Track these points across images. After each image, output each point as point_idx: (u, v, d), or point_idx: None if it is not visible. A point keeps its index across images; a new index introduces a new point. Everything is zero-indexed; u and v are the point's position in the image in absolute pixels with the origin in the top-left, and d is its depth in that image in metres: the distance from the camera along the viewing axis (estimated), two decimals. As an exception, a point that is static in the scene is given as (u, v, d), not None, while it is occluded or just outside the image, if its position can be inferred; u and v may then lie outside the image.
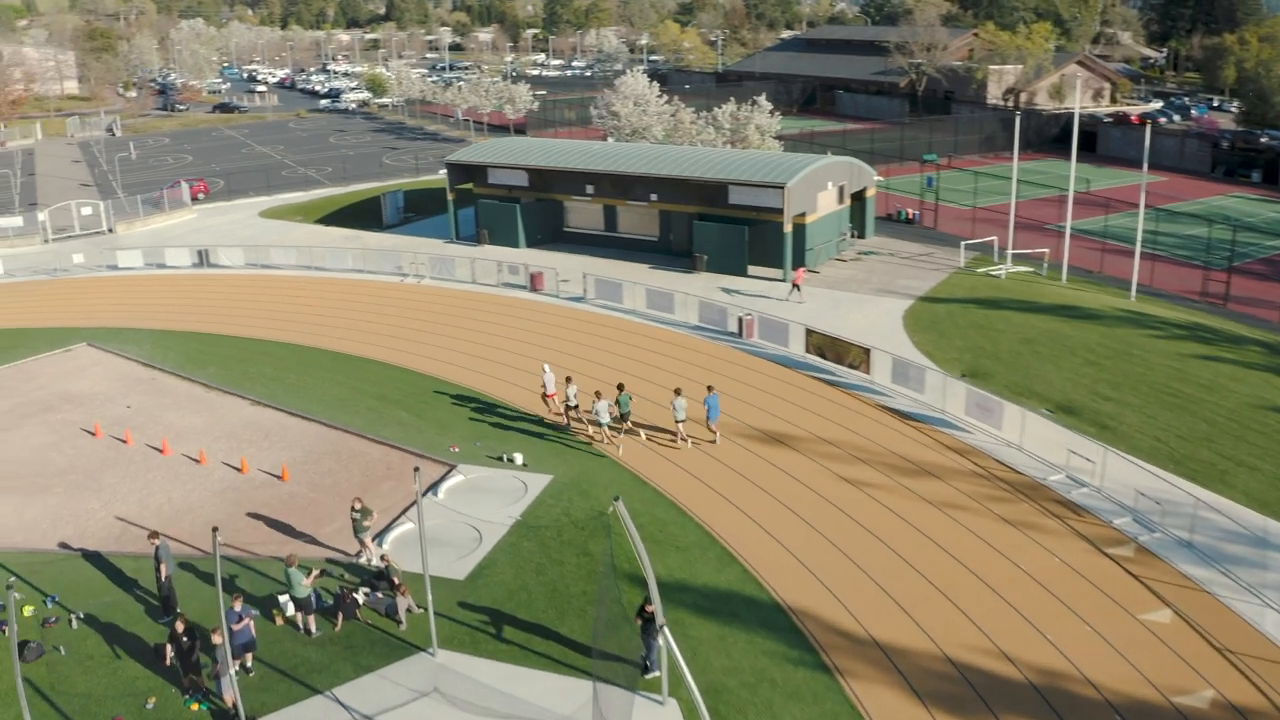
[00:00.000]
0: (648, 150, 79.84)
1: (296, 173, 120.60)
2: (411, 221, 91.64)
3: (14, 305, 73.44)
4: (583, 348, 57.18)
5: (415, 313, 64.93)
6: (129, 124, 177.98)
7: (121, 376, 57.32)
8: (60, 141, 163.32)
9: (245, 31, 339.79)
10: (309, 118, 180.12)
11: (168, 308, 69.36)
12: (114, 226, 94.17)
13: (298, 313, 66.13)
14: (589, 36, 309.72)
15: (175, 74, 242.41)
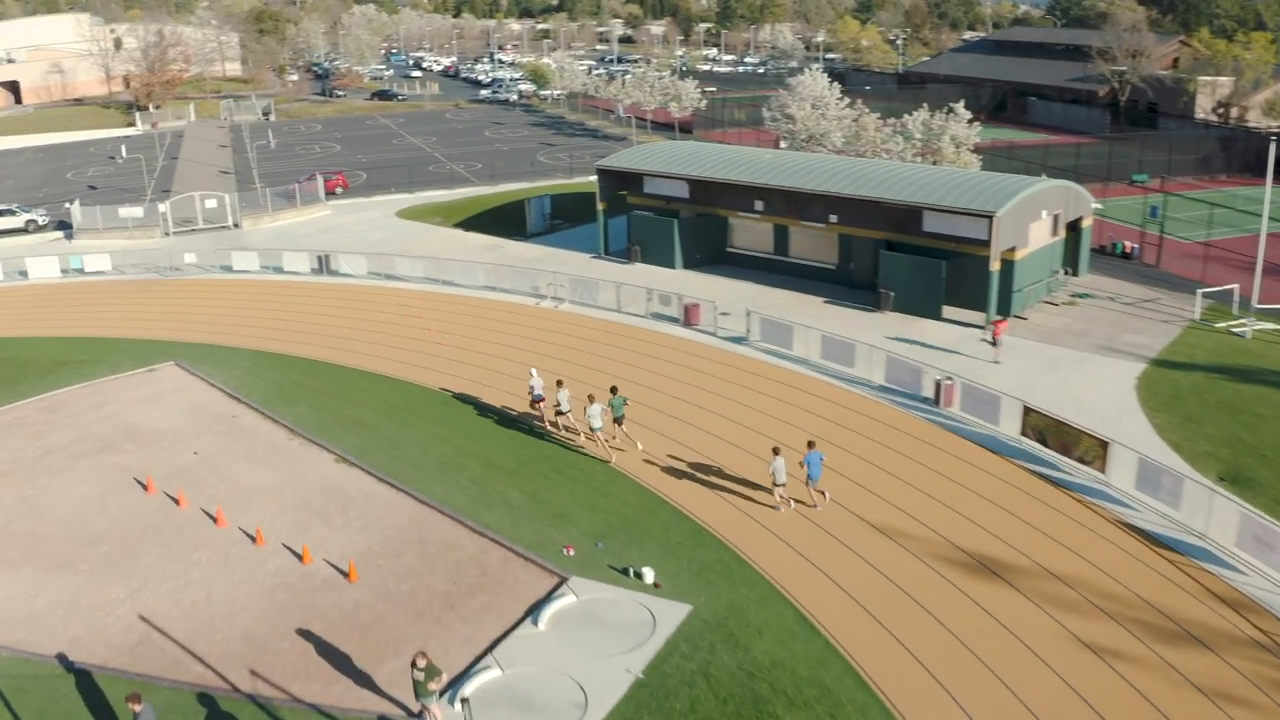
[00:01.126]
0: (828, 163, 69.61)
1: (444, 169, 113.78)
2: (558, 230, 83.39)
3: (113, 308, 67.70)
4: (738, 405, 47.66)
5: (547, 345, 56.33)
6: (283, 109, 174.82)
7: (200, 409, 50.15)
8: (212, 124, 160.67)
9: (416, 18, 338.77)
10: (467, 109, 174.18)
11: (274, 322, 62.37)
12: (240, 221, 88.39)
13: (414, 338, 58.21)
14: (763, 32, 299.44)
15: (340, 59, 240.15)
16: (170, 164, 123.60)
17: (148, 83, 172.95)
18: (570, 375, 50.27)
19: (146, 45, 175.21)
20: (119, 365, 57.29)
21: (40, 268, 77.45)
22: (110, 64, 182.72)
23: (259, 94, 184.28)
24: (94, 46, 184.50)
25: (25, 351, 61.12)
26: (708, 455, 42.89)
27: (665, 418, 46.12)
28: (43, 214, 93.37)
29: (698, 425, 45.54)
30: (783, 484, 37.77)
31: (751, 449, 42.78)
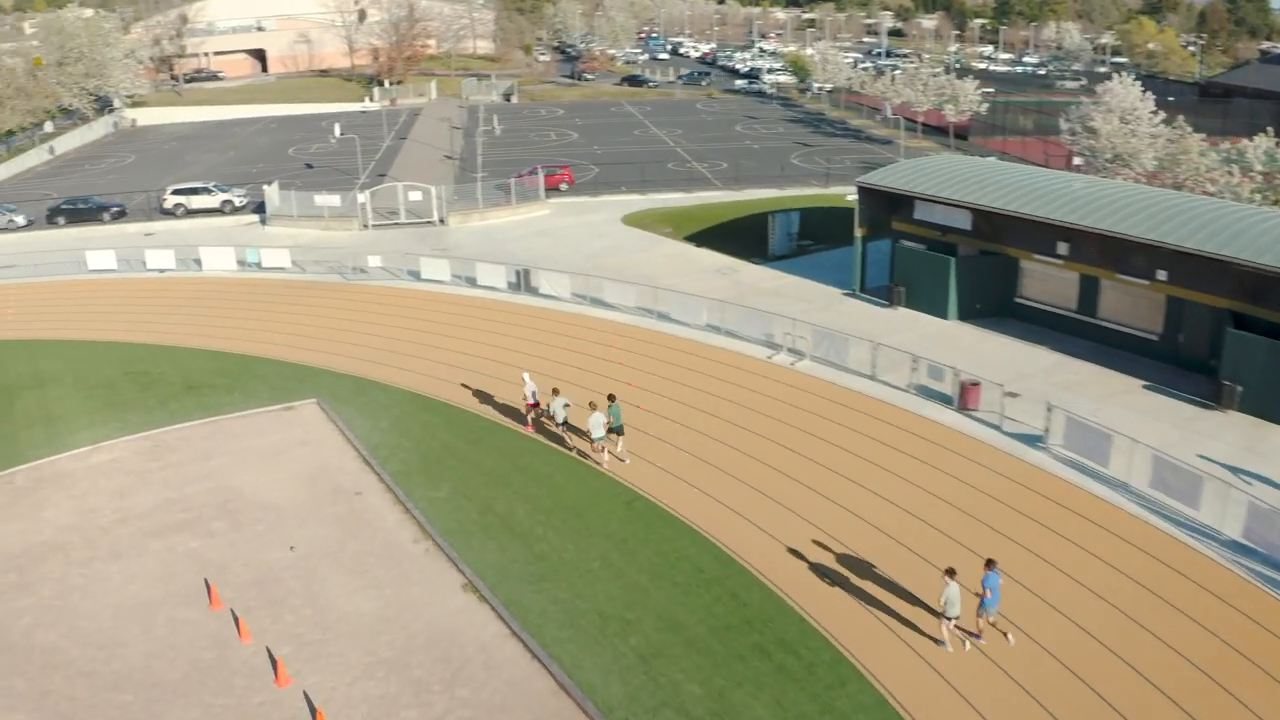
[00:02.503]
0: (1158, 200, 53.96)
1: (683, 167, 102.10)
2: (806, 253, 70.49)
3: (276, 316, 59.03)
4: (1023, 550, 33.55)
5: (770, 423, 43.38)
6: (527, 90, 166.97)
7: (322, 477, 39.81)
8: (452, 104, 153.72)
9: (678, 2, 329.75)
10: (719, 99, 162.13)
11: (448, 352, 51.92)
12: (446, 217, 79.01)
13: (605, 390, 46.69)
14: (1047, 30, 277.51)
15: (595, 41, 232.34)
16: (396, 145, 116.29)
17: (391, 58, 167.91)
18: (797, 470, 37.91)
19: (395, 19, 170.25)
20: (254, 396, 48.02)
21: (215, 259, 69.80)
22: (353, 36, 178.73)
23: (504, 74, 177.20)
24: (338, 18, 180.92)
25: (160, 365, 52.79)
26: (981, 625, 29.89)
27: (927, 574, 33.00)
28: (241, 194, 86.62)
29: (974, 572, 32.07)
30: (955, 616, 29.13)
31: (1037, 615, 29.70)
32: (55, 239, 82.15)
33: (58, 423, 46.83)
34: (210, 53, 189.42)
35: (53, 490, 40.42)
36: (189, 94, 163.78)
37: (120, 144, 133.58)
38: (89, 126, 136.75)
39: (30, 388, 51.51)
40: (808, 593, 31.02)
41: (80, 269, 71.57)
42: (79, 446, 44.10)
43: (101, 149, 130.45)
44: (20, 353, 56.84)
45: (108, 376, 52.00)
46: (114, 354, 55.28)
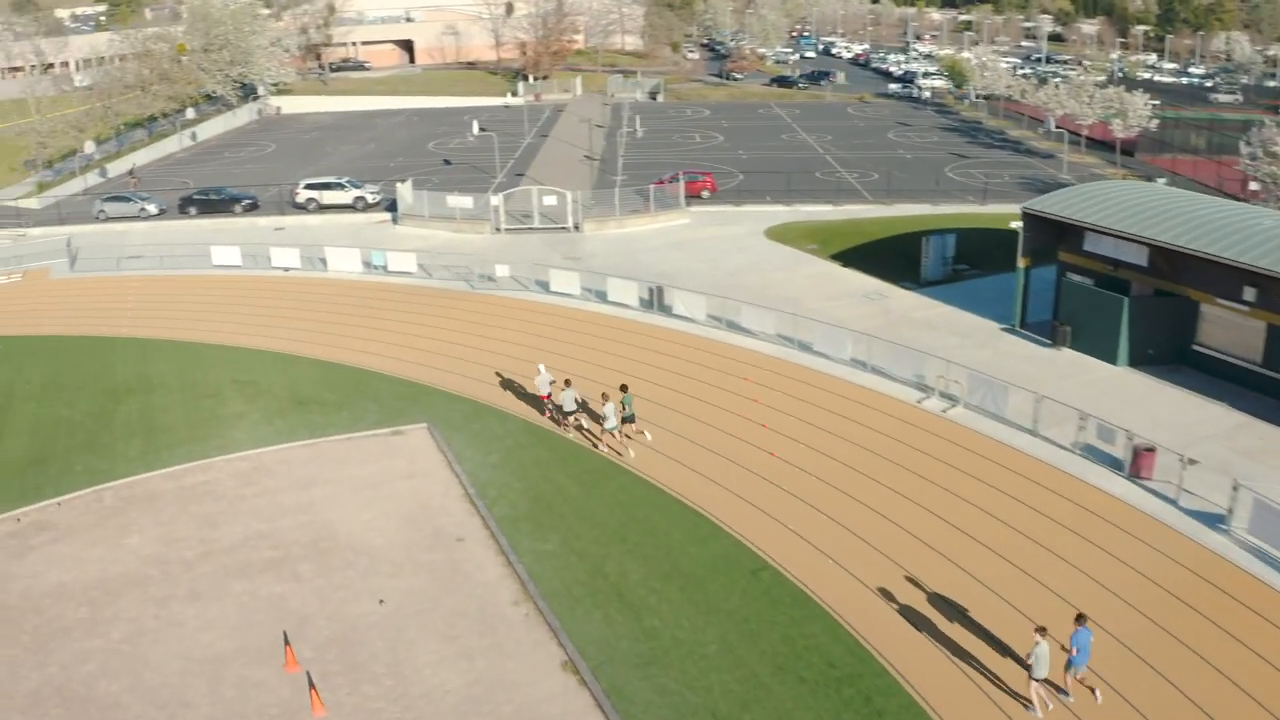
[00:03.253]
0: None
1: (833, 176, 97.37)
2: (962, 279, 65.62)
3: (397, 325, 56.48)
4: (1199, 661, 28.52)
5: (917, 482, 38.82)
6: (674, 89, 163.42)
7: (423, 517, 36.78)
8: (596, 101, 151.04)
9: (832, 1, 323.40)
10: (872, 104, 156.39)
11: (569, 374, 48.62)
12: (581, 223, 75.92)
13: (739, 435, 42.62)
14: (1215, 40, 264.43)
15: (744, 39, 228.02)
16: (537, 143, 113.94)
17: (537, 52, 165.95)
18: (946, 542, 33.55)
19: (543, 13, 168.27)
20: (363, 416, 45.38)
21: (340, 259, 67.78)
22: (500, 30, 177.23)
23: (650, 71, 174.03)
24: (486, 11, 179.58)
25: (270, 374, 50.61)
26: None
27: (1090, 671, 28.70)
28: (374, 191, 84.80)
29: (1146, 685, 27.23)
30: (1041, 678, 26.81)
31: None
32: (185, 230, 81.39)
33: (158, 435, 44.87)
34: (358, 42, 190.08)
35: (140, 513, 38.23)
36: (334, 83, 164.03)
37: (262, 132, 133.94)
38: (233, 114, 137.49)
39: (137, 392, 49.80)
40: (952, 702, 26.93)
41: (205, 263, 70.35)
42: (175, 464, 42.01)
43: (243, 136, 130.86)
44: (132, 353, 55.36)
45: (215, 384, 50.02)
46: (225, 359, 53.46)
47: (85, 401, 49.42)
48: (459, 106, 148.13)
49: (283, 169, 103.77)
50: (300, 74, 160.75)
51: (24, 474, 42.41)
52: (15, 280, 71.63)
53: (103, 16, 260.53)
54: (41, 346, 57.85)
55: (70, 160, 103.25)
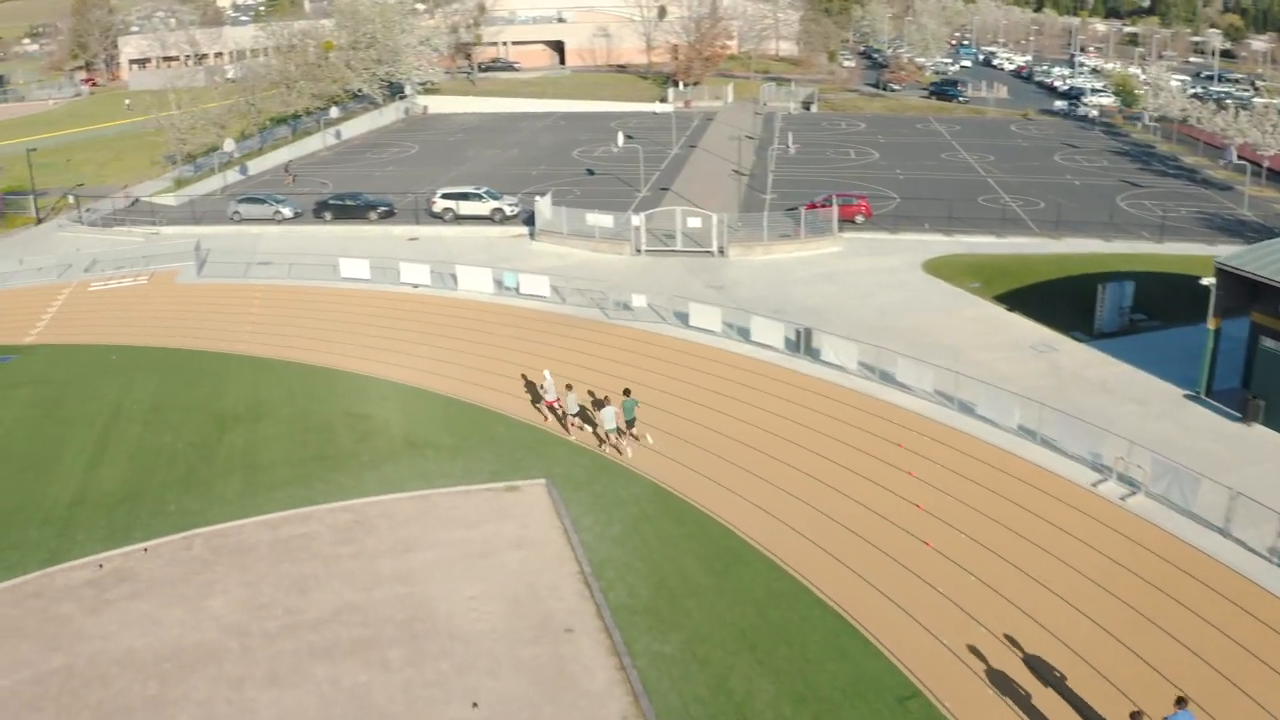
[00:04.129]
0: None
1: (996, 204, 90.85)
2: (1139, 331, 58.98)
3: (523, 357, 52.50)
4: None
5: (1092, 591, 33.17)
6: (828, 99, 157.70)
7: (531, 596, 32.71)
8: (748, 109, 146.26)
9: (993, 9, 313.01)
10: (1036, 121, 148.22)
11: (704, 433, 44.04)
12: (726, 248, 71.43)
13: (891, 511, 37.61)
14: None
15: (901, 48, 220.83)
16: (684, 154, 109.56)
17: (689, 57, 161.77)
18: (1129, 675, 27.61)
19: (697, 16, 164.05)
20: (478, 466, 41.64)
21: (471, 278, 64.41)
22: (652, 33, 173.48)
23: (804, 79, 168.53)
24: (637, 13, 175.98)
25: (386, 408, 47.35)
26: None
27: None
28: (512, 203, 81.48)
29: None
30: None
31: None
32: (317, 236, 79.30)
33: (259, 472, 41.80)
34: (508, 42, 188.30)
35: (228, 568, 35.00)
36: (482, 84, 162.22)
37: (407, 132, 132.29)
38: (379, 112, 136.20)
39: (245, 421, 46.93)
40: None
41: (333, 275, 67.75)
42: (273, 510, 38.83)
43: (388, 136, 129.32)
44: (246, 373, 52.70)
45: (327, 416, 46.84)
46: (341, 387, 50.40)
47: (191, 428, 46.75)
48: (607, 111, 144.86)
49: (424, 173, 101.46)
50: (449, 73, 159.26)
51: (115, 510, 39.72)
52: (141, 282, 69.98)
53: (263, 7, 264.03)
54: (156, 360, 55.68)
55: (209, 157, 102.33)
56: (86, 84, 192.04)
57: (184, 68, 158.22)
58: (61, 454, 45.13)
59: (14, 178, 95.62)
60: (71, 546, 37.49)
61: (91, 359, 56.74)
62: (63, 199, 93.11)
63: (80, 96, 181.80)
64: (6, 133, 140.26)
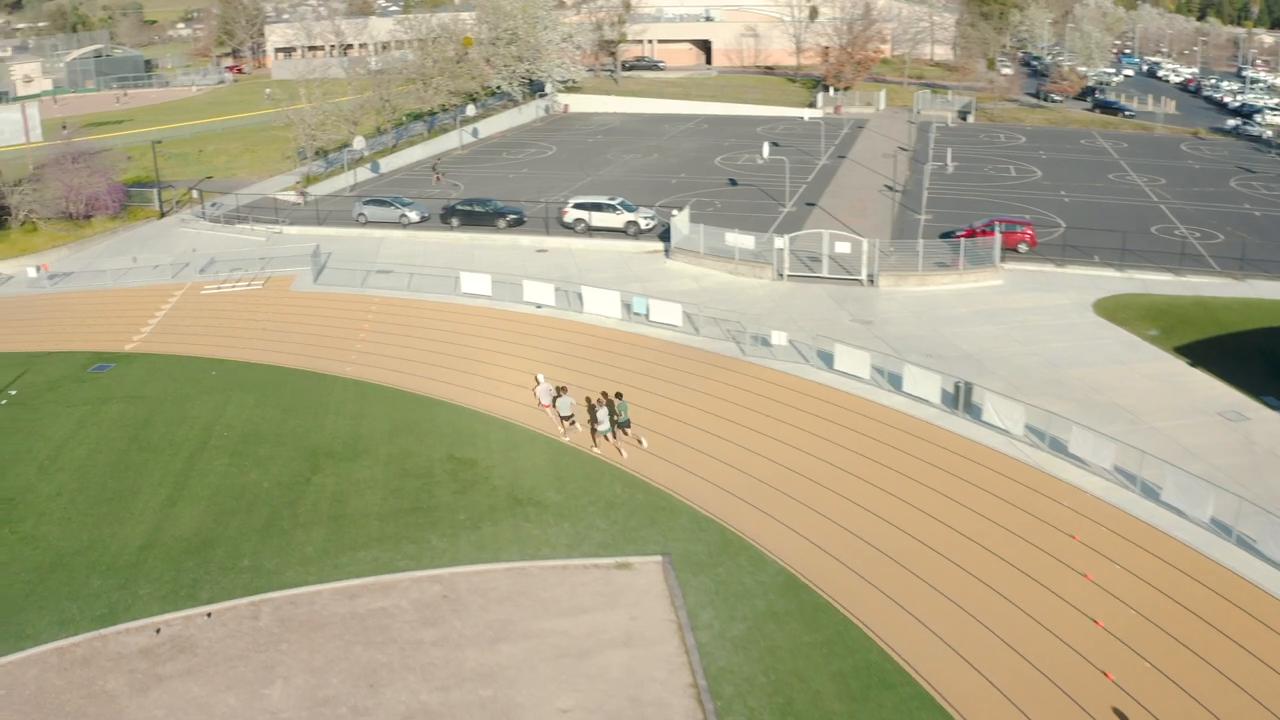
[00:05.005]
0: None
1: (1171, 234, 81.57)
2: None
3: (647, 398, 46.97)
4: None
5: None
6: (985, 109, 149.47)
7: (633, 713, 27.39)
8: (900, 117, 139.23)
9: (1156, 17, 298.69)
10: (1208, 140, 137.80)
11: (850, 509, 38.32)
12: (876, 276, 65.49)
13: (1066, 639, 31.43)
14: None
15: (1062, 56, 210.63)
16: (832, 165, 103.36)
17: (840, 60, 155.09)
18: None
19: (849, 18, 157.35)
20: (587, 533, 36.59)
21: (597, 301, 59.54)
22: (802, 34, 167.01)
23: (960, 87, 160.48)
24: (787, 13, 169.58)
25: (493, 454, 42.69)
26: None
27: None
28: (648, 216, 76.40)
29: None
30: None
31: None
32: (442, 244, 75.58)
33: (346, 525, 37.43)
34: (653, 40, 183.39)
35: (296, 646, 30.61)
36: (625, 83, 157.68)
37: (546, 131, 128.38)
38: (518, 110, 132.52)
39: (340, 459, 42.68)
40: None
41: (453, 289, 63.60)
42: (354, 574, 34.40)
43: (525, 135, 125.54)
44: (349, 401, 48.58)
45: (429, 460, 42.34)
46: (447, 423, 45.88)
47: (280, 464, 42.67)
48: (752, 115, 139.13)
49: (559, 176, 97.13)
50: (591, 70, 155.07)
51: (185, 561, 35.76)
52: (255, 287, 66.69)
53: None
54: (257, 379, 51.99)
55: (340, 153, 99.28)
56: (231, 71, 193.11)
57: (328, 58, 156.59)
58: (140, 485, 41.51)
59: (143, 168, 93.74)
60: (132, 603, 33.63)
61: (190, 373, 53.39)
62: (186, 193, 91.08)
63: (223, 84, 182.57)
64: (146, 118, 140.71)
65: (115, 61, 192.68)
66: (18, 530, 39.04)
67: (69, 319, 63.84)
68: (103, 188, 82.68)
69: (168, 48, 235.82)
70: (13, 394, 52.21)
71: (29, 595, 34.62)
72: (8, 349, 59.42)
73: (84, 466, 43.60)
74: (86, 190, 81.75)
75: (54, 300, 67.99)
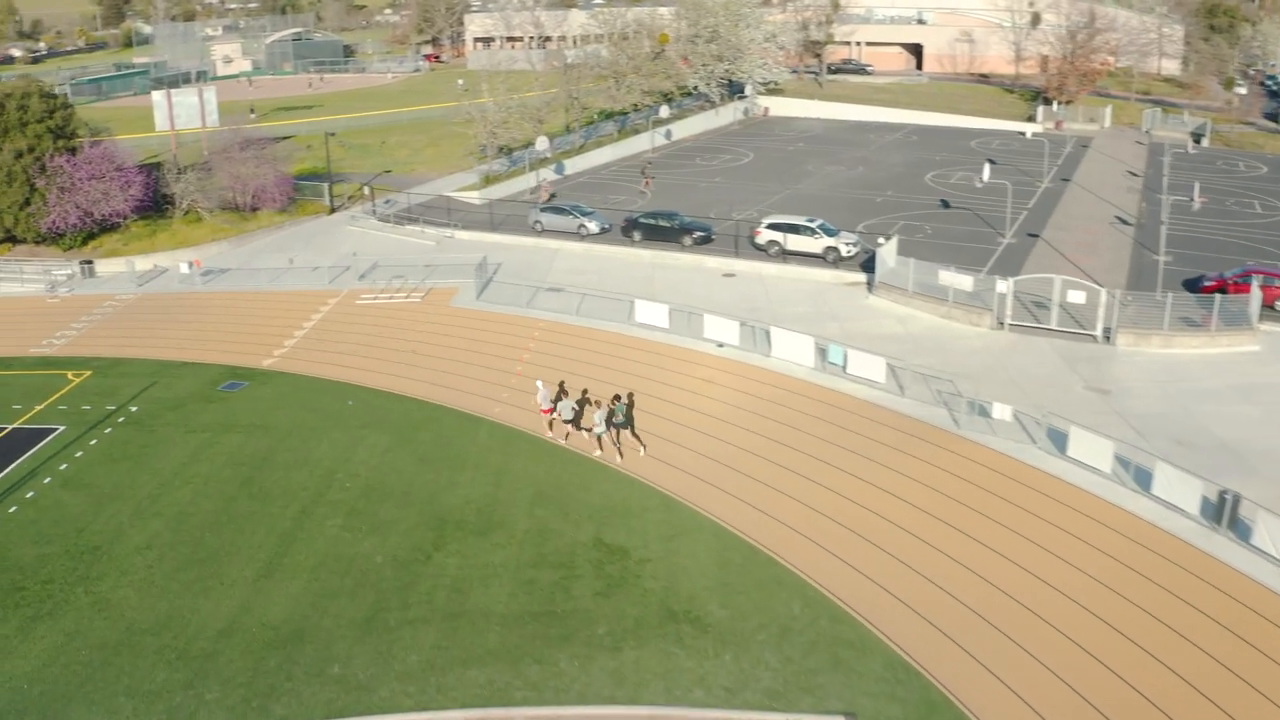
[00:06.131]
0: None
1: None
2: None
3: (832, 476, 39.05)
4: None
5: None
6: (1221, 132, 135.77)
7: None
8: (1128, 137, 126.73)
9: None
10: None
11: (1097, 685, 30.19)
12: (1113, 333, 55.91)
13: None
14: None
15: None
16: (1056, 189, 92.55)
17: (1062, 71, 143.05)
18: None
19: (1073, 26, 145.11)
20: (752, 670, 28.58)
21: (787, 345, 51.22)
22: (1021, 41, 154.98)
23: (1192, 106, 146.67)
24: (1007, 19, 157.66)
25: (647, 543, 35.06)
26: None
27: None
28: (850, 242, 67.36)
29: None
30: None
31: None
32: (620, 260, 68.55)
33: (460, 629, 30.41)
34: (861, 42, 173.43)
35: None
36: (830, 87, 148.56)
37: (743, 136, 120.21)
38: (715, 112, 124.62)
39: (468, 531, 35.82)
40: None
41: (627, 317, 56.46)
42: (457, 705, 27.28)
43: (721, 140, 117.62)
44: (492, 454, 41.83)
45: (570, 544, 35.02)
46: (600, 493, 38.58)
47: (401, 532, 36.03)
48: (966, 127, 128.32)
49: (754, 188, 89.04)
50: (794, 72, 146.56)
51: (267, 658, 29.50)
52: (414, 300, 60.75)
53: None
54: (396, 415, 45.78)
55: (524, 152, 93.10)
56: (428, 60, 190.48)
57: (525, 50, 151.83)
58: (239, 546, 35.49)
59: (321, 158, 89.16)
60: (195, 710, 27.45)
61: (324, 401, 47.54)
62: (359, 188, 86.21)
63: (419, 72, 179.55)
64: (336, 105, 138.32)
65: (314, 45, 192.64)
66: (94, 591, 33.45)
67: (211, 325, 59.20)
68: (270, 179, 78.23)
69: (369, 33, 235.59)
70: (133, 410, 47.27)
71: (82, 685, 28.85)
72: (143, 354, 54.93)
73: (184, 513, 37.95)
74: (253, 181, 77.42)
75: (201, 301, 63.54)
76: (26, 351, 57.10)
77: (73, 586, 34.02)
